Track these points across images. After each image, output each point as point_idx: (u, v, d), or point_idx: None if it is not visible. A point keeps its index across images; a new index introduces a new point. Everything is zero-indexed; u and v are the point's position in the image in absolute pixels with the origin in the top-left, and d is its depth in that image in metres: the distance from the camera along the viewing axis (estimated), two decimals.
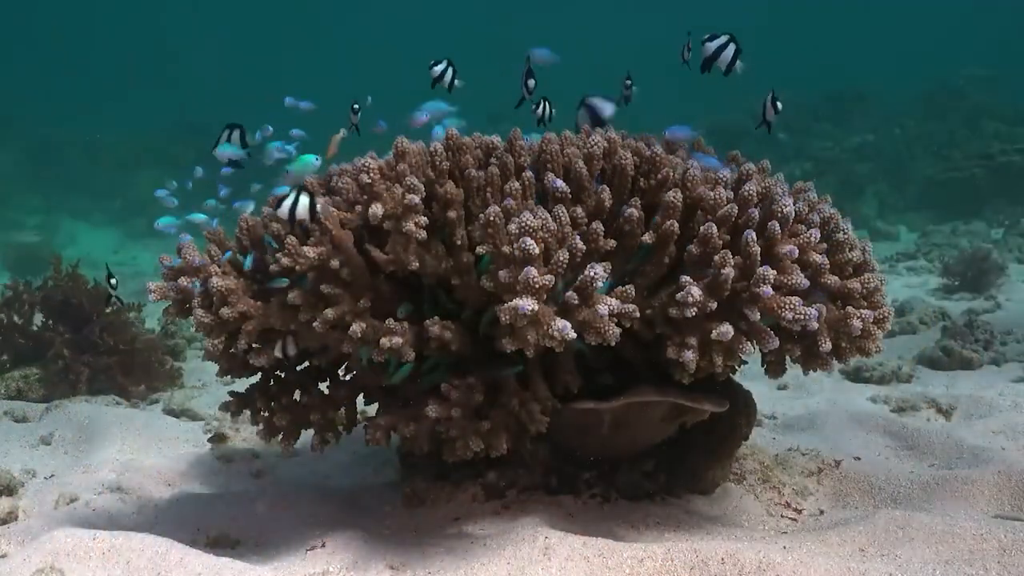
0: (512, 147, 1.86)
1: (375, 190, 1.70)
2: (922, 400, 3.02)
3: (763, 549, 1.64)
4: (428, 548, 1.78)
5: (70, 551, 1.69)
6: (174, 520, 2.06)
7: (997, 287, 5.62)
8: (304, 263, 1.70)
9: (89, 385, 3.56)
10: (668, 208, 1.73)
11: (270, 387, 1.99)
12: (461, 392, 1.74)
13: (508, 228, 1.59)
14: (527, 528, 1.77)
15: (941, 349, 3.78)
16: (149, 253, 10.17)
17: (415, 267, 1.74)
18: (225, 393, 2.12)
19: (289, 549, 1.84)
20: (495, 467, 2.00)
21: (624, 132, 2.03)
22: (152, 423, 3.02)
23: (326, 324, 1.72)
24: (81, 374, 3.53)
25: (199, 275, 1.86)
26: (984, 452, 2.34)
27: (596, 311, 1.56)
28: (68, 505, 2.21)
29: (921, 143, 12.16)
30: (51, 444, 2.83)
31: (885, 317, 1.79)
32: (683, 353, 1.65)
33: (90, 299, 3.73)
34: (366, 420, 1.90)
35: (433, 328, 1.73)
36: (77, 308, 3.72)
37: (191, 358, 4.46)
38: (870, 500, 2.13)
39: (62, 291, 3.72)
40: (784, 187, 1.85)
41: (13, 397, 3.50)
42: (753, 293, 1.63)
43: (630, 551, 1.64)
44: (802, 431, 2.73)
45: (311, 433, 1.97)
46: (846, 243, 1.82)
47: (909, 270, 7.07)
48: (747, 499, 2.11)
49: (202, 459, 2.60)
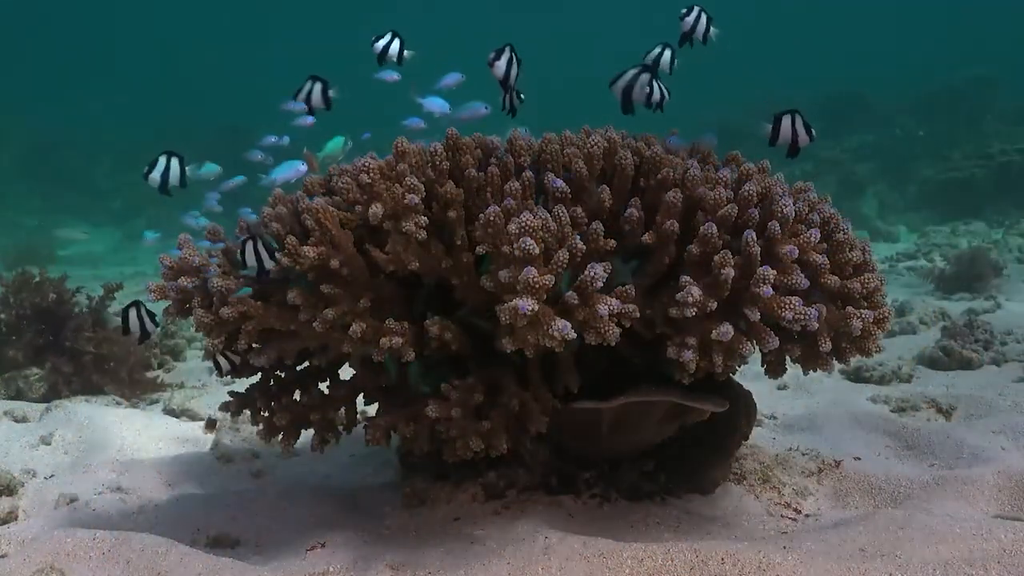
0: (512, 147, 1.86)
1: (375, 190, 1.70)
2: (922, 400, 3.01)
3: (763, 549, 1.64)
4: (428, 548, 1.78)
5: (70, 551, 1.69)
6: (174, 520, 2.06)
7: (997, 287, 5.63)
8: (304, 263, 1.70)
9: (69, 389, 3.55)
10: (668, 208, 1.73)
11: (270, 387, 1.99)
12: (461, 392, 1.74)
13: (508, 228, 1.59)
14: (527, 528, 1.77)
15: (941, 349, 3.78)
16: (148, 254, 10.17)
17: (415, 267, 1.74)
18: (225, 393, 2.12)
19: (289, 549, 1.84)
20: (495, 467, 2.00)
21: (624, 132, 2.03)
22: (152, 423, 3.02)
23: (326, 324, 1.72)
24: (57, 380, 3.52)
25: (199, 275, 1.86)
26: (984, 452, 2.34)
27: (596, 311, 1.56)
28: (68, 505, 2.21)
29: (921, 143, 12.16)
30: (51, 444, 2.82)
31: (885, 317, 1.79)
32: (683, 353, 1.65)
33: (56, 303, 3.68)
34: (366, 420, 1.90)
35: (433, 328, 1.73)
36: (48, 312, 3.68)
37: (191, 358, 4.47)
38: (870, 500, 2.13)
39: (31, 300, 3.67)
40: (784, 187, 1.85)
41: (13, 397, 3.50)
42: (753, 293, 1.63)
43: (630, 551, 1.64)
44: (802, 431, 2.73)
45: (311, 433, 1.97)
46: (846, 243, 1.82)
47: (909, 270, 7.07)
48: (747, 499, 2.11)
49: (202, 459, 2.60)
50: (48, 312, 3.69)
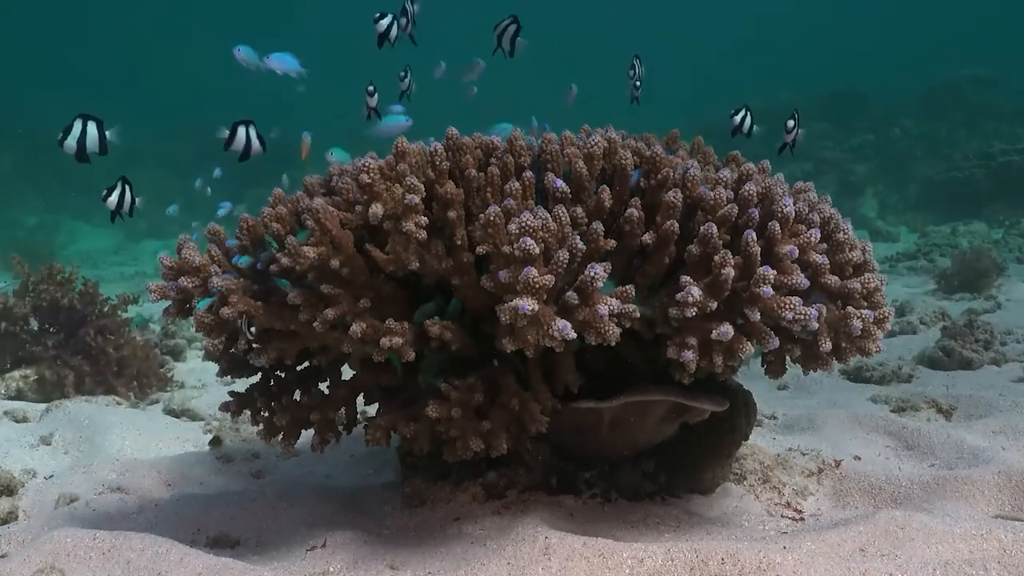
0: (512, 147, 1.86)
1: (375, 190, 1.70)
2: (922, 400, 3.01)
3: (763, 549, 1.64)
4: (428, 548, 1.78)
5: (70, 551, 1.69)
6: (174, 520, 2.06)
7: (997, 287, 5.63)
8: (304, 263, 1.70)
9: (78, 388, 3.54)
10: (668, 208, 1.73)
11: (270, 387, 1.99)
12: (461, 392, 1.74)
13: (508, 228, 1.59)
14: (527, 528, 1.77)
15: (941, 349, 3.78)
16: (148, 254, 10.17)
17: (415, 267, 1.74)
18: (225, 393, 2.12)
19: (289, 549, 1.84)
20: (495, 467, 2.00)
21: (624, 132, 2.03)
22: (152, 423, 3.02)
23: (326, 324, 1.72)
24: (67, 377, 3.52)
25: (199, 274, 1.86)
26: (984, 452, 2.34)
27: (596, 311, 1.56)
28: (68, 505, 2.21)
29: (921, 143, 12.17)
30: (51, 444, 2.82)
31: (885, 317, 1.79)
32: (683, 353, 1.65)
33: (82, 301, 3.70)
34: (366, 420, 1.90)
35: (433, 328, 1.73)
36: (69, 310, 3.69)
37: (191, 358, 4.47)
38: (870, 500, 2.13)
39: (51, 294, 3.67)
40: (784, 187, 1.85)
41: (13, 397, 3.50)
42: (753, 293, 1.63)
43: (630, 551, 1.64)
44: (802, 431, 2.73)
45: (311, 433, 1.97)
46: (846, 243, 1.81)
47: (909, 270, 7.07)
48: (747, 499, 2.11)
49: (202, 459, 2.60)
50: (70, 308, 3.68)
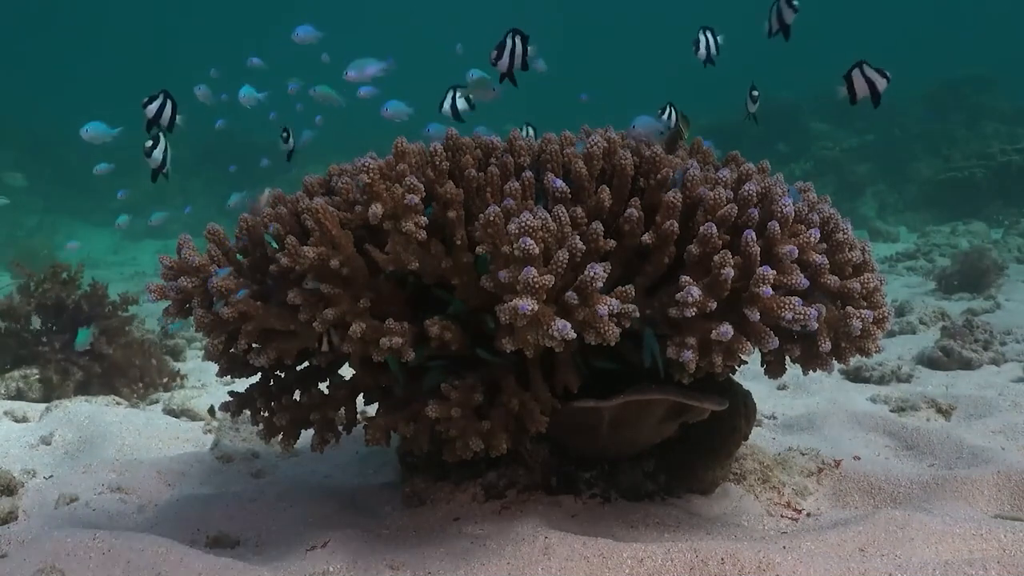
0: (512, 147, 1.86)
1: (375, 190, 1.70)
2: (922, 400, 3.02)
3: (763, 549, 1.64)
4: (428, 548, 1.78)
5: (70, 551, 1.69)
6: (174, 520, 2.06)
7: (997, 287, 5.63)
8: (304, 263, 1.70)
9: (80, 388, 3.54)
10: (668, 208, 1.73)
11: (270, 387, 1.99)
12: (461, 392, 1.74)
13: (508, 228, 1.59)
14: (527, 528, 1.77)
15: (941, 349, 3.78)
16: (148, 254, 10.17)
17: (415, 267, 1.74)
18: (225, 393, 2.12)
19: (289, 549, 1.84)
20: (495, 467, 2.00)
21: (623, 132, 2.03)
22: (152, 423, 3.02)
23: (326, 324, 1.72)
24: (72, 375, 3.52)
25: (198, 274, 1.86)
26: (984, 452, 2.34)
27: (596, 311, 1.56)
28: (68, 505, 2.21)
29: (921, 143, 12.17)
30: (51, 444, 2.82)
31: (885, 317, 1.79)
32: (683, 353, 1.65)
33: (89, 302, 3.71)
34: (366, 420, 1.90)
35: (433, 328, 1.73)
36: (75, 310, 3.69)
37: (191, 358, 4.47)
38: (870, 500, 2.13)
39: (56, 293, 3.67)
40: (784, 187, 1.85)
41: (13, 397, 3.50)
42: (753, 293, 1.63)
43: (630, 551, 1.64)
44: (802, 431, 2.73)
45: (311, 433, 1.97)
46: (846, 243, 1.82)
47: (909, 270, 7.07)
48: (747, 499, 2.11)
49: (202, 459, 2.60)
50: (76, 308, 3.67)
